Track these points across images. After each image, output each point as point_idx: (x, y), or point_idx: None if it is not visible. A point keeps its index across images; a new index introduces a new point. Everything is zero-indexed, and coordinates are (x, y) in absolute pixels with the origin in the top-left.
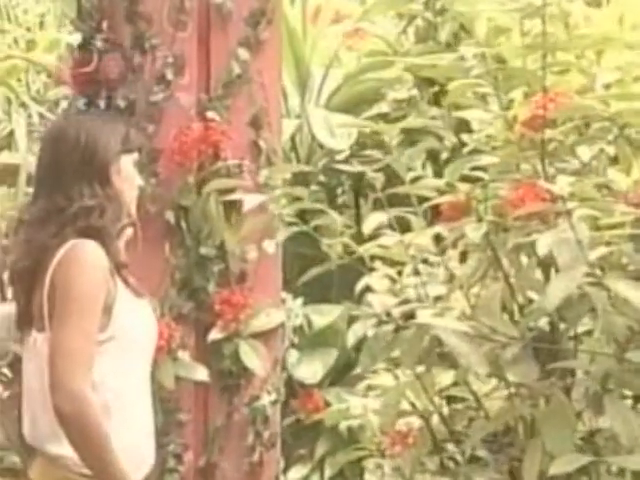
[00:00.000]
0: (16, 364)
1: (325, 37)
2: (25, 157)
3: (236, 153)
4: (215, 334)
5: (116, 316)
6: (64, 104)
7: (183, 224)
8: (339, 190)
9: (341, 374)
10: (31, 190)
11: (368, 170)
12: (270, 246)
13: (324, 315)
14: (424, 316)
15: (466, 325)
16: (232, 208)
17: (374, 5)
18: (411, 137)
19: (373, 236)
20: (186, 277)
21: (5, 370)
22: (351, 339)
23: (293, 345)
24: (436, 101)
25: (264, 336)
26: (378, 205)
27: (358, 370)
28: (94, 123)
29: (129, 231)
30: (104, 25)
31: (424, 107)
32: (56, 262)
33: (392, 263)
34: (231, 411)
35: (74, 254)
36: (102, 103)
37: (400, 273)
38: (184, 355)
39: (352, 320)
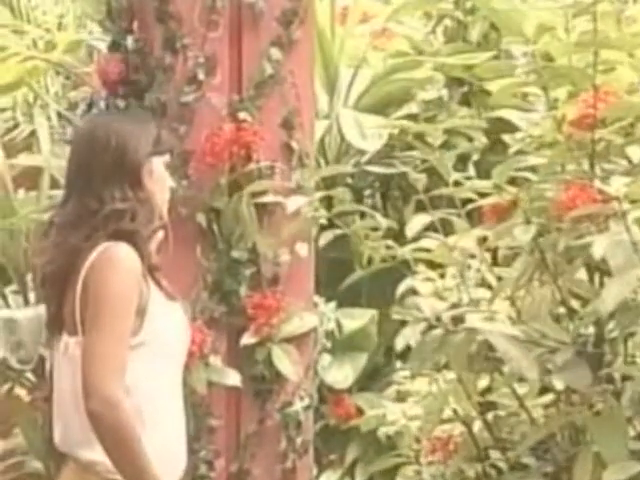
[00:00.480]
0: (39, 369)
1: (352, 37)
2: (48, 159)
3: (268, 155)
4: (248, 338)
5: (149, 320)
6: (83, 106)
7: (215, 227)
8: (367, 192)
9: (369, 379)
10: (54, 193)
11: (411, 171)
12: (303, 249)
13: (355, 319)
14: (473, 320)
15: (516, 329)
16: (264, 210)
17: (403, 4)
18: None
19: (411, 239)
20: (217, 280)
21: (29, 375)
22: (400, 343)
23: (325, 350)
24: (465, 101)
25: (296, 340)
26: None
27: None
28: (125, 124)
29: (160, 234)
30: (135, 25)
31: (454, 107)
32: (89, 265)
33: (433, 266)
34: (263, 417)
35: (107, 257)
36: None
37: (442, 276)
38: (216, 360)
39: (388, 323)
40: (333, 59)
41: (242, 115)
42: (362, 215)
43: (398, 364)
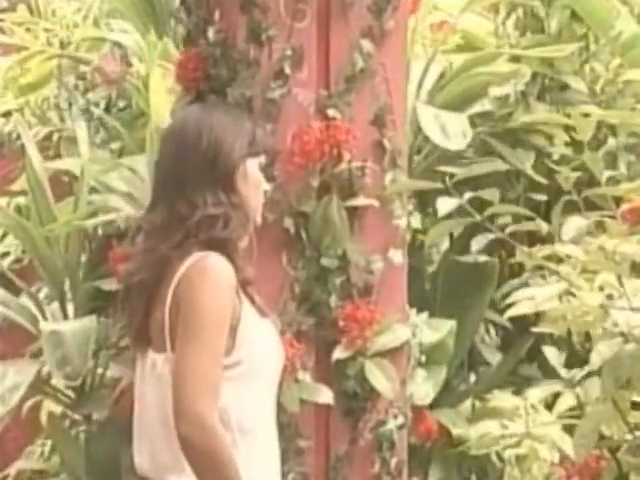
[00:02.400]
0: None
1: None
2: (87, 163)
3: (358, 154)
4: (340, 352)
5: (242, 338)
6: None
7: (302, 232)
8: None
9: (441, 394)
10: (93, 198)
11: (565, 169)
12: (396, 256)
13: (434, 330)
14: None
15: None
16: (354, 215)
17: None
18: (516, 136)
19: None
20: (306, 290)
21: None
22: (596, 359)
23: (420, 364)
24: (540, 97)
25: (390, 354)
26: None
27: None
28: (219, 122)
29: (244, 240)
30: (216, 16)
31: (534, 103)
32: (180, 276)
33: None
34: (355, 437)
35: (201, 268)
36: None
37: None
38: (305, 376)
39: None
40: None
41: (331, 112)
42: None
43: (472, 377)
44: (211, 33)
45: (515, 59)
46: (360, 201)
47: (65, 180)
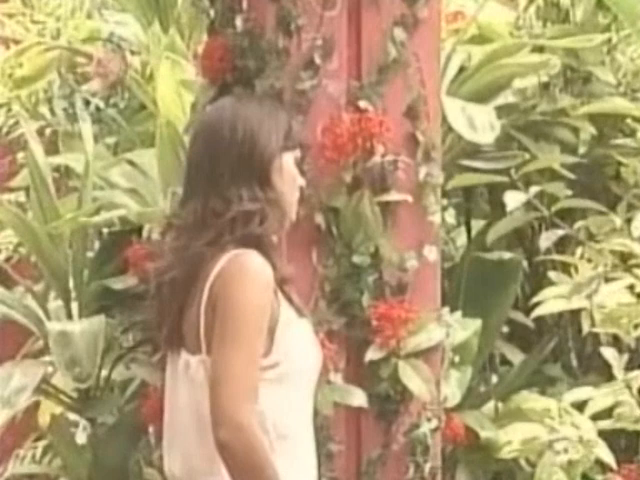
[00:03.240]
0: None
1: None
2: (90, 159)
3: (390, 147)
4: (373, 353)
5: (279, 339)
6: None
7: (333, 229)
8: None
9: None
10: (98, 194)
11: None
12: (431, 253)
13: (460, 329)
14: None
15: None
16: (387, 210)
17: None
18: (538, 129)
19: None
20: (336, 289)
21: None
22: None
23: (453, 365)
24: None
25: (424, 355)
26: None
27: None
28: (254, 114)
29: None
30: (244, 4)
31: (558, 95)
32: (216, 274)
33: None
34: (388, 441)
35: (239, 266)
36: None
37: None
38: (336, 377)
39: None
40: None
41: (362, 104)
42: None
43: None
44: (238, 22)
45: (538, 50)
46: (393, 196)
47: (55, 176)
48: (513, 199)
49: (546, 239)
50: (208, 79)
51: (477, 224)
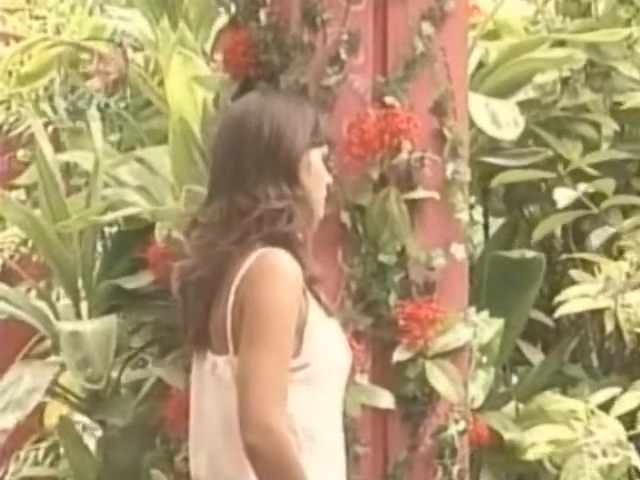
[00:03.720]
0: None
1: None
2: (100, 156)
3: (417, 144)
4: (400, 354)
5: (308, 339)
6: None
7: (359, 227)
8: None
9: None
10: (106, 192)
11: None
12: (459, 251)
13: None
14: None
15: None
16: (414, 208)
17: None
18: (560, 125)
19: None
20: (362, 288)
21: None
22: None
23: (480, 365)
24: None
25: (451, 356)
26: None
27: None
28: (280, 110)
29: None
30: None
31: (580, 91)
32: (244, 273)
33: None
34: (415, 443)
35: (268, 265)
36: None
37: None
38: (362, 379)
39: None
40: None
41: (388, 100)
42: None
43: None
44: (262, 16)
45: (558, 44)
46: (420, 193)
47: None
48: (563, 196)
49: (597, 237)
50: (230, 74)
51: (495, 222)
